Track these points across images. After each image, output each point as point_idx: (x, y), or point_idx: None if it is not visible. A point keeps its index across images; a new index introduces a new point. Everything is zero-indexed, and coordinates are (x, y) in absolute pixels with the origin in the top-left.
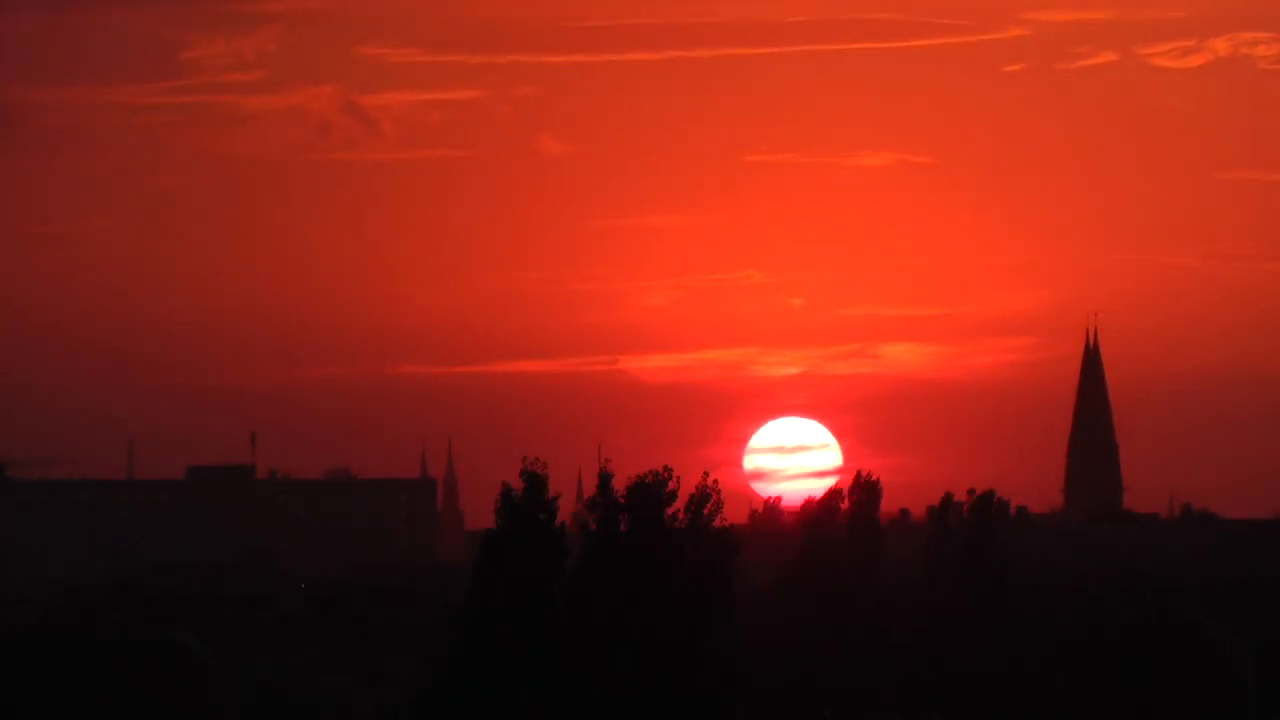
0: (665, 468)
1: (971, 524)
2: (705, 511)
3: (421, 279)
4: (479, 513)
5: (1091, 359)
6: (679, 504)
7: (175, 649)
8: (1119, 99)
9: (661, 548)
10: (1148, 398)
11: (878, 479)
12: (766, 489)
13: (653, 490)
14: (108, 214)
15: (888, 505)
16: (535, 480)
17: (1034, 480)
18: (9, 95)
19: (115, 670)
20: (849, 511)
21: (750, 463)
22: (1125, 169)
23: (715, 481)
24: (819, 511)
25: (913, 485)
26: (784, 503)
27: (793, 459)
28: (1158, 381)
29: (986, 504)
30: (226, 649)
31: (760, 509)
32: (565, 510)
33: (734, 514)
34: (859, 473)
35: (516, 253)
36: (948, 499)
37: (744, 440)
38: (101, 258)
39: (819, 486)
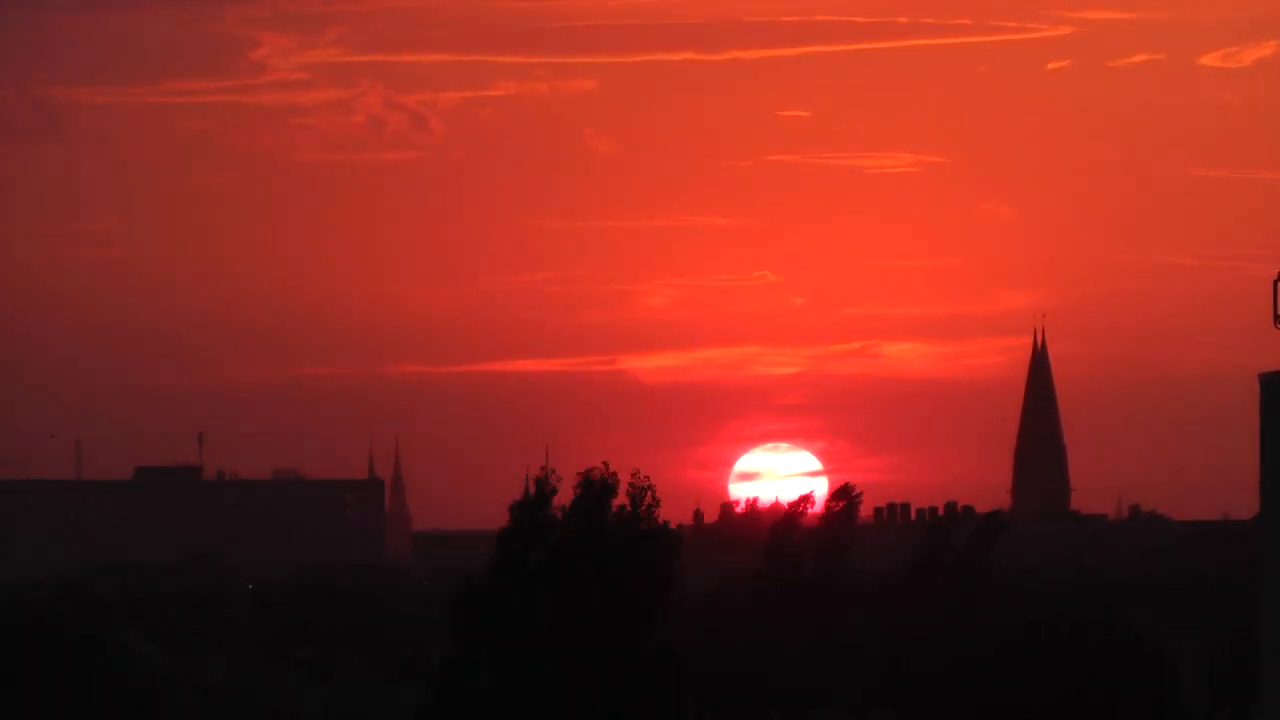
0: (604, 463)
1: (973, 538)
2: (642, 509)
3: (422, 278)
4: (426, 514)
5: (1039, 360)
6: (619, 500)
7: (122, 649)
8: (1159, 97)
9: (593, 549)
10: (1096, 398)
11: (860, 492)
12: (753, 490)
13: (593, 490)
14: (121, 215)
15: (879, 504)
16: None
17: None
18: (62, 95)
19: (62, 671)
20: (822, 516)
21: (741, 464)
22: (1138, 166)
23: (647, 477)
24: (787, 514)
25: (907, 485)
26: (760, 504)
27: (784, 459)
28: (1106, 382)
29: (994, 521)
30: (174, 649)
31: (721, 507)
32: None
33: (714, 514)
34: (847, 485)
35: (538, 253)
36: (941, 511)
37: (739, 440)
38: (95, 259)
39: (802, 487)
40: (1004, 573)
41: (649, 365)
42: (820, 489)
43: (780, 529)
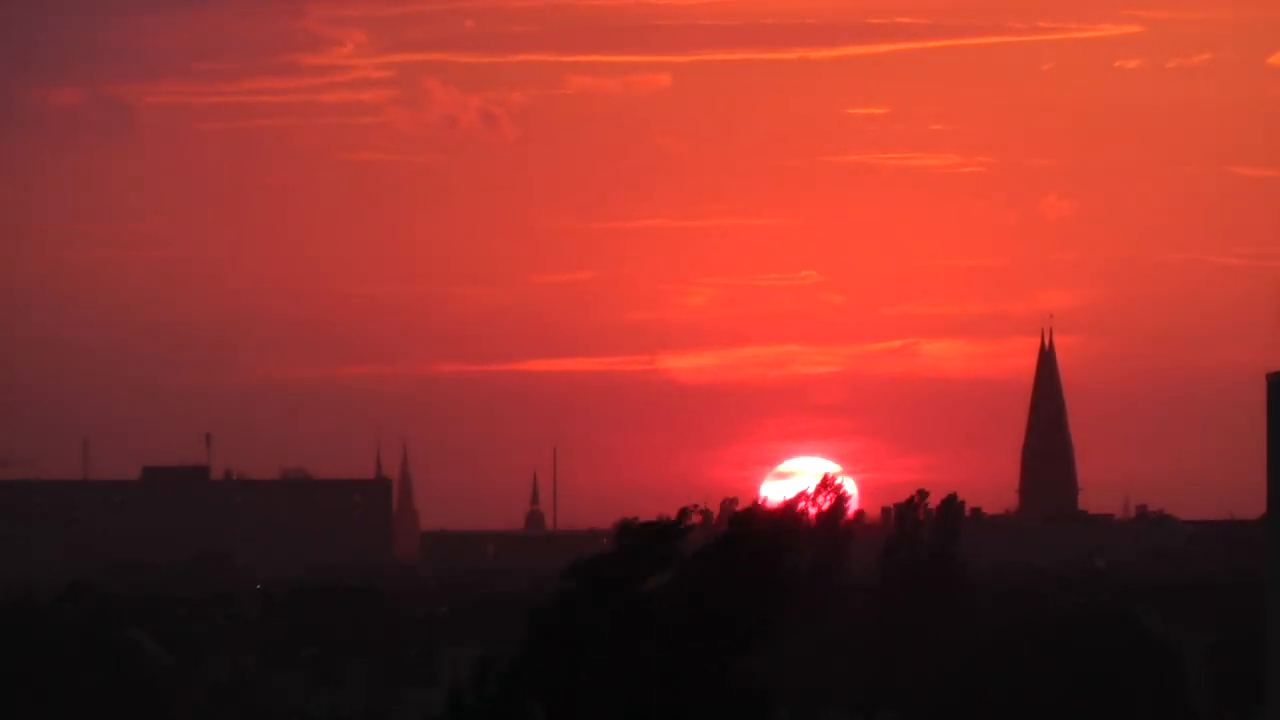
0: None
1: (935, 528)
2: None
3: (464, 278)
4: (434, 513)
5: (1047, 360)
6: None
7: (131, 649)
8: (1226, 95)
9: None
10: (1103, 398)
11: (841, 484)
12: (786, 489)
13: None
14: (169, 214)
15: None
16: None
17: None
18: (134, 93)
19: (71, 671)
20: (815, 514)
21: (775, 463)
22: (1198, 166)
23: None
24: (783, 511)
25: (942, 484)
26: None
27: (821, 458)
28: (1113, 382)
29: (951, 507)
30: (181, 649)
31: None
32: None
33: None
34: (825, 475)
35: (585, 252)
36: (911, 501)
37: (776, 439)
38: (130, 259)
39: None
40: (992, 568)
41: (688, 365)
42: (850, 489)
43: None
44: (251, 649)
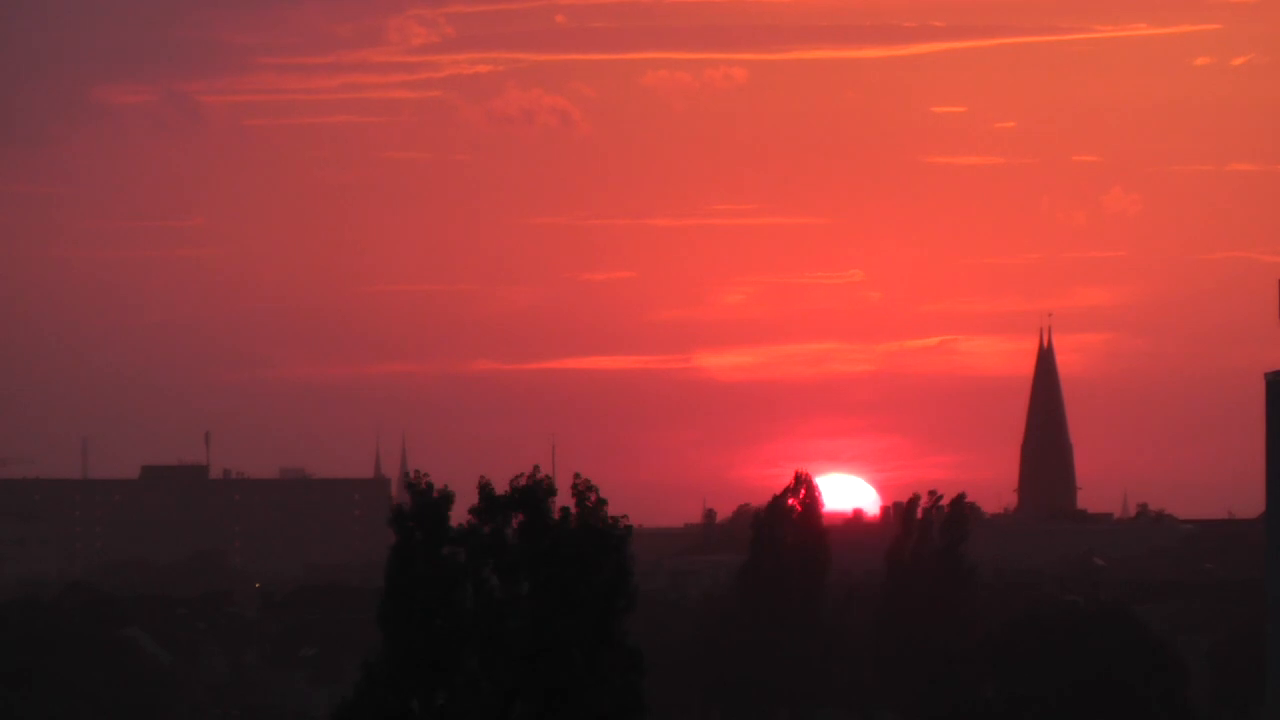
0: (535, 467)
1: (944, 528)
2: (589, 504)
3: (501, 278)
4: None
5: (1045, 359)
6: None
7: (129, 648)
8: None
9: (544, 543)
10: (1102, 397)
11: (814, 484)
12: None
13: (534, 490)
14: (212, 212)
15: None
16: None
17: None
18: (195, 89)
19: (70, 669)
20: (798, 514)
21: (804, 462)
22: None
23: (586, 479)
24: (767, 514)
25: (968, 483)
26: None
27: (850, 455)
28: (1112, 381)
29: (959, 508)
30: (180, 648)
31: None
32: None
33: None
34: (798, 473)
35: (629, 251)
36: (914, 500)
37: (810, 436)
38: (143, 258)
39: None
40: (991, 567)
41: (724, 363)
42: (871, 489)
43: (761, 528)
44: (251, 649)
